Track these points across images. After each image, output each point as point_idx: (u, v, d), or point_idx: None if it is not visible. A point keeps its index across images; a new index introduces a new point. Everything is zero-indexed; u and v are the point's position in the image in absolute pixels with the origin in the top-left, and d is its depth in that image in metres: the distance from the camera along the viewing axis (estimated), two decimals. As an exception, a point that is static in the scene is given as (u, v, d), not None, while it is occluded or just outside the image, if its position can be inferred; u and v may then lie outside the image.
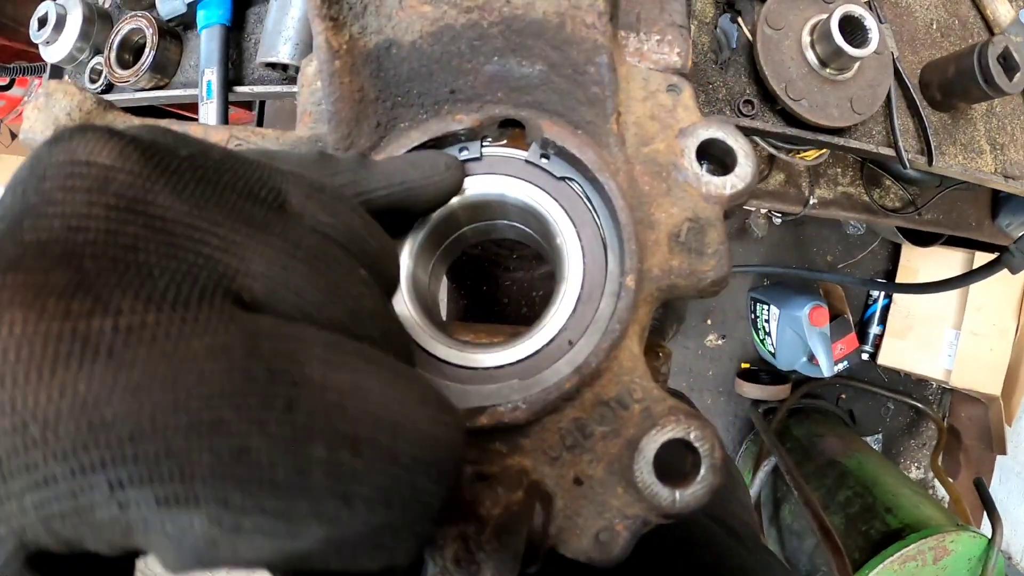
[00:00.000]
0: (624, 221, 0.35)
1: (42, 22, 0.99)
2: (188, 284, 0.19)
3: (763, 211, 2.18)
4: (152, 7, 0.97)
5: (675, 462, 0.31)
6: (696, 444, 0.30)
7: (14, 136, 2.89)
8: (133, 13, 0.98)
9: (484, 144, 0.39)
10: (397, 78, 0.38)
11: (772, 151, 1.22)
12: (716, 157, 0.37)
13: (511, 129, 0.39)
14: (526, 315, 0.54)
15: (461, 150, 0.39)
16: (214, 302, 0.19)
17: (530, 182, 0.38)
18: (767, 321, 2.11)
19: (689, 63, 0.42)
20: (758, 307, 2.17)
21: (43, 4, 1.00)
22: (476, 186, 0.38)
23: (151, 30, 0.96)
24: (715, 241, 0.36)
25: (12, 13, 1.29)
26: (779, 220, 2.21)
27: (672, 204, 0.36)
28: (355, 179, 0.30)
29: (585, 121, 0.38)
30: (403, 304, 0.37)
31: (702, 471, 0.30)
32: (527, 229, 0.42)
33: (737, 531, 0.77)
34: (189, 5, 0.94)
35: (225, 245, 0.21)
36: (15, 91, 2.31)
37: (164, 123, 0.38)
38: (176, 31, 1.00)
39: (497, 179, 0.39)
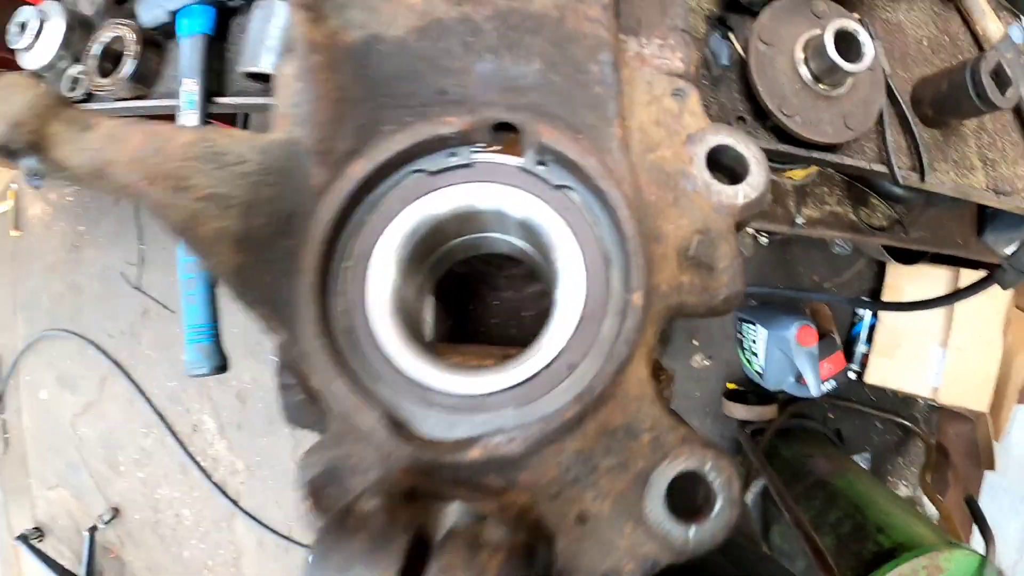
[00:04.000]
0: (630, 234, 0.33)
1: (21, 27, 0.96)
2: None
3: (750, 231, 2.19)
4: (134, 15, 0.95)
5: (685, 495, 0.29)
6: (711, 477, 0.28)
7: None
8: (115, 21, 0.95)
9: (475, 150, 0.36)
10: (381, 76, 0.35)
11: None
12: (725, 166, 0.35)
13: (504, 134, 0.36)
14: (514, 336, 0.51)
15: (450, 156, 0.36)
16: None
17: (526, 191, 0.36)
18: (754, 341, 2.10)
19: (693, 68, 0.39)
20: (745, 327, 2.16)
21: (23, 9, 0.98)
22: (466, 196, 0.36)
23: (133, 39, 0.93)
24: (727, 255, 0.33)
25: None
26: (766, 240, 2.22)
27: (680, 215, 0.34)
28: None
29: (586, 125, 0.35)
30: (385, 323, 0.34)
31: (718, 505, 0.28)
32: (521, 243, 0.39)
33: (736, 540, 0.75)
34: (171, 13, 0.92)
35: None
36: None
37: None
38: (158, 40, 0.97)
39: (489, 188, 0.36)
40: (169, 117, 1.32)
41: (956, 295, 1.17)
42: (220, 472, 2.56)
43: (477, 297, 0.53)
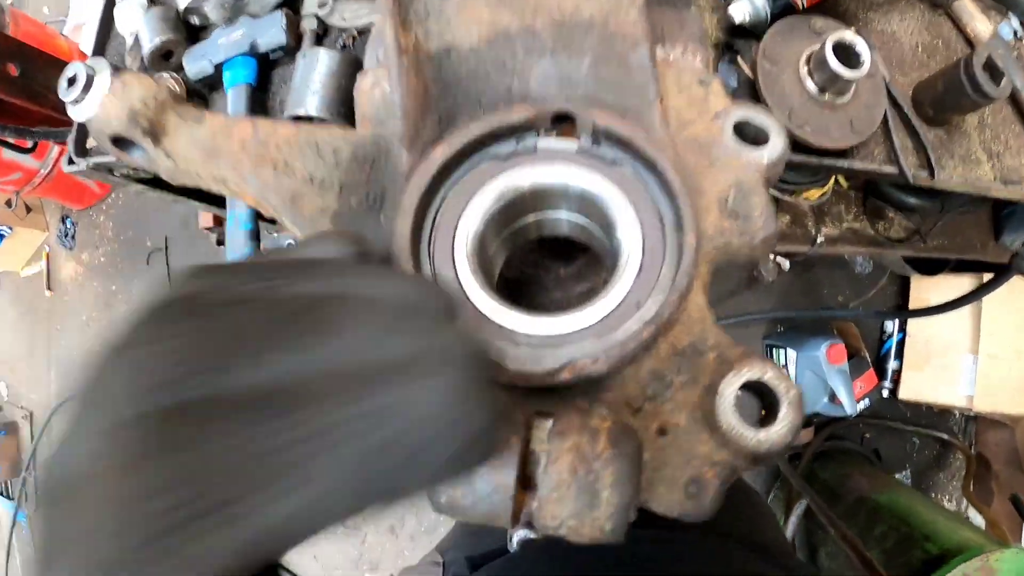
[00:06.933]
0: (677, 187, 0.37)
1: (71, 81, 1.03)
2: None
3: (771, 256, 2.21)
4: (180, 68, 1.03)
5: (750, 411, 0.32)
6: (773, 384, 0.31)
7: (29, 209, 2.98)
8: (160, 74, 1.03)
9: (539, 137, 0.42)
10: (457, 78, 0.42)
11: (776, 194, 1.25)
12: (749, 136, 0.40)
13: (563, 124, 0.42)
14: None
15: (518, 142, 0.41)
16: None
17: (585, 167, 0.41)
18: (785, 365, 2.10)
19: (711, 68, 0.46)
20: (774, 352, 2.16)
21: (72, 64, 1.05)
22: (535, 175, 0.41)
23: (179, 90, 1.01)
24: (760, 204, 0.38)
25: (39, 78, 1.36)
26: (787, 265, 2.24)
27: (717, 174, 0.39)
28: None
29: (632, 107, 0.41)
30: (471, 279, 0.38)
31: (783, 409, 0.30)
32: (583, 219, 0.44)
33: (770, 549, 0.76)
34: (216, 66, 1.00)
35: None
36: (31, 163, 2.39)
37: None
38: (202, 92, 1.05)
39: (553, 167, 0.41)
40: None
41: (979, 291, 1.18)
42: (255, 522, 2.55)
43: (529, 298, 0.57)
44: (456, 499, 0.25)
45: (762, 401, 0.32)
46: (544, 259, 0.61)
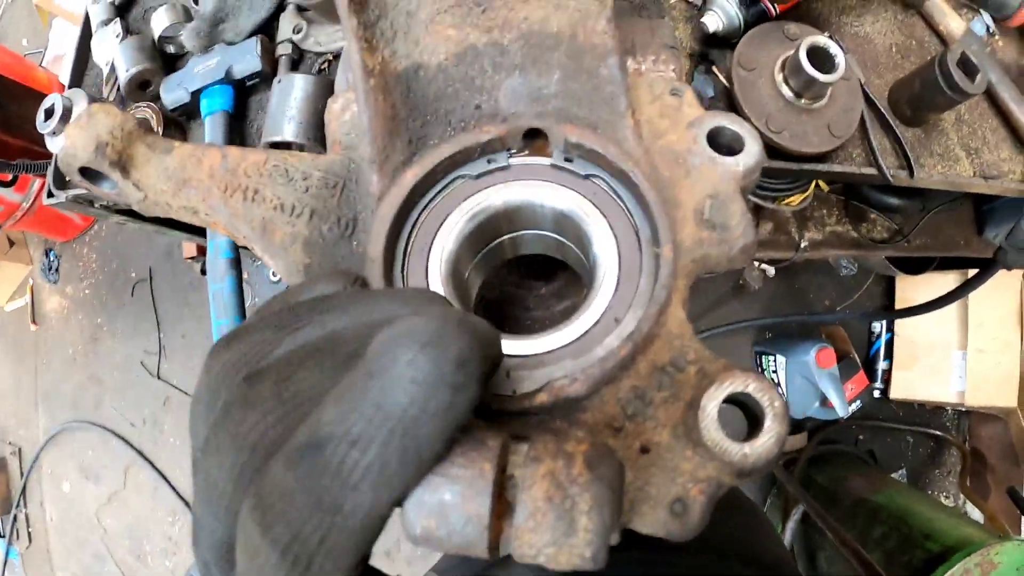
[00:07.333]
0: (652, 199, 0.37)
1: (48, 113, 1.01)
2: None
3: (756, 263, 2.23)
4: (157, 98, 1.02)
5: (735, 427, 0.31)
6: (756, 396, 0.29)
7: (12, 243, 2.95)
8: (138, 104, 1.02)
9: (510, 155, 0.41)
10: (425, 98, 0.41)
11: (758, 201, 1.25)
12: (724, 144, 0.40)
13: (534, 141, 0.41)
14: None
15: (488, 162, 0.41)
16: None
17: (558, 183, 0.40)
18: (775, 372, 2.10)
19: (684, 77, 0.45)
20: (764, 359, 2.17)
21: (49, 96, 1.04)
22: (508, 193, 0.40)
23: (156, 119, 1.00)
24: (737, 212, 0.38)
25: (17, 110, 1.35)
26: (772, 272, 2.25)
27: (693, 185, 0.39)
28: None
29: (603, 121, 0.41)
30: (439, 290, 0.37)
31: (768, 421, 0.29)
32: (559, 236, 0.44)
33: (768, 562, 0.75)
34: (193, 94, 0.99)
35: None
36: (14, 196, 2.37)
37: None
38: (180, 121, 1.04)
39: (526, 184, 0.41)
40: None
41: (965, 287, 1.19)
42: (249, 552, 2.52)
43: (510, 318, 0.57)
44: (431, 530, 0.23)
45: (746, 414, 0.31)
46: (524, 278, 0.60)
